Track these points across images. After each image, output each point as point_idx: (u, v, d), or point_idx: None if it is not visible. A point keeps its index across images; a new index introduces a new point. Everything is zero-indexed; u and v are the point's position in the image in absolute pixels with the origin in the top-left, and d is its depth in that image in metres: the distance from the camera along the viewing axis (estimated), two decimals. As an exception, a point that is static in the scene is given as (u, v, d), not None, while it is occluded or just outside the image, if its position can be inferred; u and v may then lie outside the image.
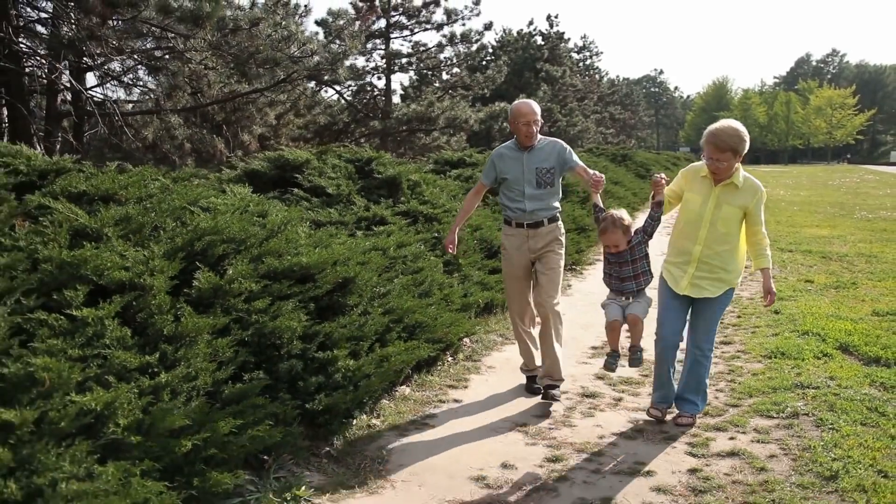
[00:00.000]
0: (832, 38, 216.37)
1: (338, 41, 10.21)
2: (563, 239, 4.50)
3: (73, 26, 7.84)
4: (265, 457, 3.24)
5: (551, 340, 4.34)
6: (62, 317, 2.86)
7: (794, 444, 3.61)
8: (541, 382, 4.44)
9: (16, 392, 2.46)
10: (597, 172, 4.17)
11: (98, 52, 7.86)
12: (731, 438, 3.74)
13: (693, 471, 3.36)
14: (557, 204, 4.49)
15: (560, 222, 4.50)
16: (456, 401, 4.37)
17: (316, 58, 9.12)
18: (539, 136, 4.45)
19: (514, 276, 4.52)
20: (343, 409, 3.61)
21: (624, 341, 4.34)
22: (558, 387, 4.36)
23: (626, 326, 4.01)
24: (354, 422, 3.78)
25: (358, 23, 18.63)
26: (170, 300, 3.25)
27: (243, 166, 7.12)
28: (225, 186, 5.41)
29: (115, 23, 7.40)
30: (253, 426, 3.01)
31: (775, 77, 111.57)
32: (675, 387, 4.10)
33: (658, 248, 4.52)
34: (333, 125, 22.11)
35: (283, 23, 8.88)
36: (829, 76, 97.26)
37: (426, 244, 6.02)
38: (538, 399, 4.40)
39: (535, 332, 4.57)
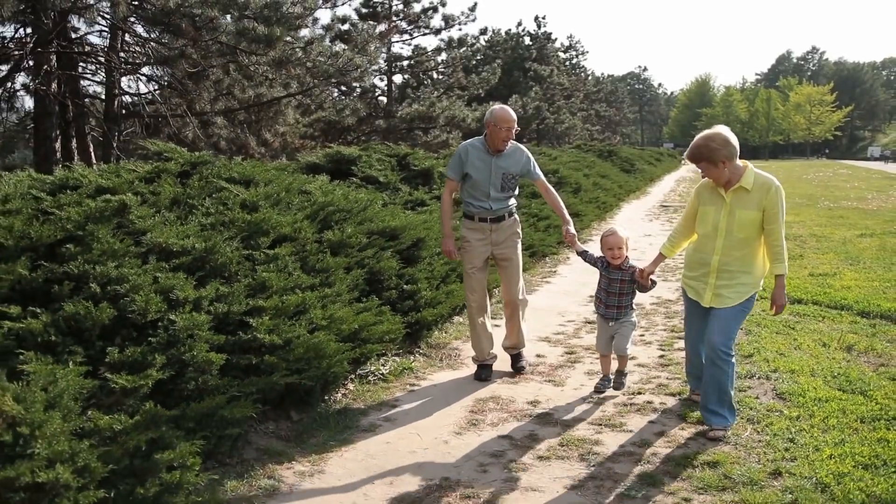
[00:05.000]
0: (812, 36, 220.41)
1: (362, 55, 11.88)
2: (520, 230, 4.87)
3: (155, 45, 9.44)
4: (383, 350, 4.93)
5: (519, 323, 4.85)
6: (261, 253, 4.52)
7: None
8: (509, 351, 4.93)
9: (255, 293, 4.12)
10: (569, 229, 4.58)
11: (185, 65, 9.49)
12: (688, 342, 5.48)
13: (661, 356, 5.10)
14: (514, 200, 4.86)
15: (517, 215, 4.87)
16: (496, 326, 6.05)
17: (359, 71, 10.80)
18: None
19: (475, 267, 4.79)
20: (428, 322, 5.32)
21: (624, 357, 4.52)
22: (523, 356, 4.91)
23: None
24: (433, 334, 5.47)
25: (366, 28, 20.24)
26: (317, 247, 4.92)
27: (305, 160, 8.77)
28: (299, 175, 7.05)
29: (198, 43, 9.00)
30: (382, 323, 4.70)
31: (757, 74, 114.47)
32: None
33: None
34: (338, 123, 23.66)
35: (331, 42, 10.54)
36: (808, 73, 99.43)
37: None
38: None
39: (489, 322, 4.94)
